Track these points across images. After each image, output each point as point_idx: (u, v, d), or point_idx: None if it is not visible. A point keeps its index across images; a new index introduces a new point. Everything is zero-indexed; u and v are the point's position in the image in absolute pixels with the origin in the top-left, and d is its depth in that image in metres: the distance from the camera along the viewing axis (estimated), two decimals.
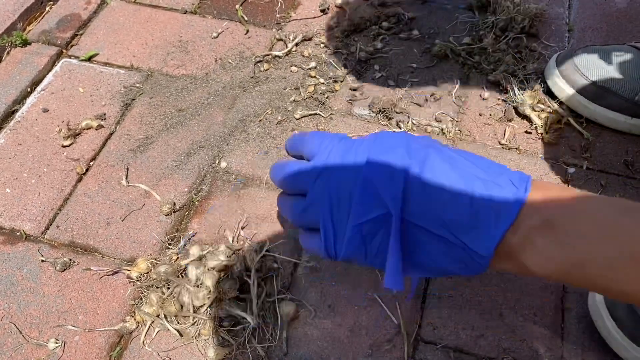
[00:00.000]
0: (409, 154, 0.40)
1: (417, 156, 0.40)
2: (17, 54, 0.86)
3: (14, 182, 0.71)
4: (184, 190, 0.70)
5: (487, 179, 0.39)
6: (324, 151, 0.44)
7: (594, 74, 0.75)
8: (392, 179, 0.40)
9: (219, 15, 0.94)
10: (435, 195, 0.39)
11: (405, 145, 0.41)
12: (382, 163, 0.40)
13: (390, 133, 0.44)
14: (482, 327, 0.59)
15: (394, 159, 0.40)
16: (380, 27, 0.90)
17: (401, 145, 0.41)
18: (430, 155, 0.40)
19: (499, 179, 0.39)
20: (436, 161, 0.40)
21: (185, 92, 0.82)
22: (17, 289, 0.62)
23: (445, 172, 0.39)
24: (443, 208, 0.39)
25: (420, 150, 0.41)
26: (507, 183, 0.39)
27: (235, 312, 0.57)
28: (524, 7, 0.89)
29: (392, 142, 0.42)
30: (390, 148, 0.41)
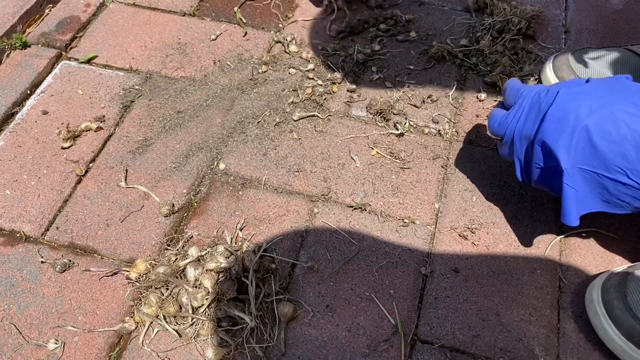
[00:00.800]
0: (579, 117, 0.53)
1: (590, 118, 0.52)
2: (16, 57, 0.87)
3: (14, 183, 0.72)
4: (182, 191, 0.71)
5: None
6: (517, 105, 0.60)
7: (590, 76, 0.75)
8: (560, 137, 0.54)
9: (217, 18, 0.94)
10: (604, 148, 0.52)
11: (576, 112, 0.53)
12: (556, 129, 0.54)
13: (571, 92, 0.55)
14: (479, 327, 0.59)
15: (565, 123, 0.53)
16: (378, 29, 0.91)
17: (574, 109, 0.53)
18: (602, 115, 0.52)
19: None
20: (605, 123, 0.52)
21: (184, 94, 0.82)
22: (17, 290, 0.62)
23: (613, 129, 0.51)
24: (612, 157, 0.52)
25: (595, 112, 0.52)
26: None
27: (233, 313, 0.57)
28: (520, 9, 0.90)
29: (567, 106, 0.54)
30: (566, 112, 0.54)
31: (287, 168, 0.73)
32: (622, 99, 0.52)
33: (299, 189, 0.71)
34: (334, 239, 0.66)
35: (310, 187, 0.71)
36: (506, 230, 0.67)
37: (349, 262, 0.64)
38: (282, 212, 0.69)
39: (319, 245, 0.66)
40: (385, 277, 0.63)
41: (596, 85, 0.56)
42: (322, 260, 0.64)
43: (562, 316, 0.60)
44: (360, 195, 0.70)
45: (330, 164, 0.74)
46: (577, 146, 0.53)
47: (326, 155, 0.75)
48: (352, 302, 0.61)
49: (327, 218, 0.68)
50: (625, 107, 0.51)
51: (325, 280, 0.63)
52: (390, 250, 0.65)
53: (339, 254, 0.65)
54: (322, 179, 0.72)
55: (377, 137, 0.77)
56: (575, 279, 0.63)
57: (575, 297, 0.61)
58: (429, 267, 0.64)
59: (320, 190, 0.71)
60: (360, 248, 0.65)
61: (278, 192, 0.71)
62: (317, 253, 0.65)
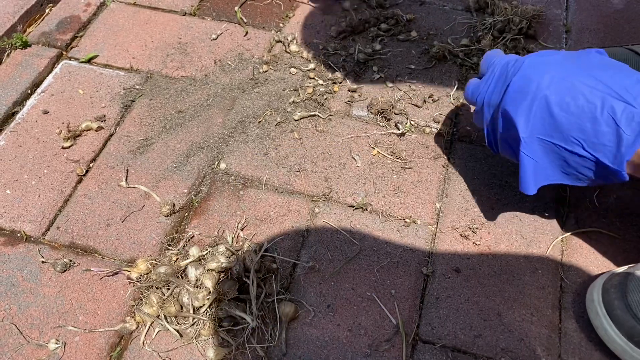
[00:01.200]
0: (540, 86, 0.53)
1: (550, 88, 0.52)
2: (17, 56, 0.86)
3: (15, 183, 0.72)
4: (183, 191, 0.71)
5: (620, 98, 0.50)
6: (488, 73, 0.61)
7: None
8: (520, 105, 0.54)
9: (218, 17, 0.94)
10: (561, 119, 0.52)
11: (538, 81, 0.53)
12: (517, 97, 0.55)
13: (536, 62, 0.56)
14: (480, 327, 0.59)
15: (526, 91, 0.54)
16: (379, 28, 0.91)
17: (536, 78, 0.54)
18: (562, 86, 0.52)
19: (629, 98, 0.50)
20: (564, 94, 0.52)
21: (185, 94, 0.82)
22: (17, 290, 0.62)
23: (572, 101, 0.51)
24: (569, 128, 0.52)
25: (556, 82, 0.53)
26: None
27: (234, 313, 0.57)
28: (521, 8, 0.90)
29: (530, 74, 0.54)
30: (529, 80, 0.54)
31: (288, 168, 0.73)
32: (584, 72, 0.53)
33: (300, 189, 0.71)
34: (335, 239, 0.66)
35: (312, 186, 0.71)
36: (508, 230, 0.67)
37: (350, 262, 0.64)
38: (283, 211, 0.69)
39: (320, 245, 0.66)
40: (387, 277, 0.63)
41: (564, 57, 0.56)
42: (323, 260, 0.64)
43: (564, 316, 0.60)
44: (362, 195, 0.70)
45: (332, 164, 0.74)
46: (536, 115, 0.53)
47: (327, 155, 0.75)
48: (354, 302, 0.61)
49: (328, 218, 0.68)
50: (586, 80, 0.52)
51: (327, 280, 0.63)
52: (391, 250, 0.65)
53: (340, 253, 0.65)
54: (323, 178, 0.72)
55: (378, 136, 0.76)
56: (576, 278, 0.63)
57: (577, 297, 0.61)
58: (431, 267, 0.64)
59: (322, 190, 0.71)
60: (362, 248, 0.65)
61: (279, 191, 0.71)
62: (319, 253, 0.65)
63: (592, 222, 0.67)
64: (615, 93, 0.50)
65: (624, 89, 0.50)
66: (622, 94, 0.50)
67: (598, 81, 0.51)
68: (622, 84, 0.50)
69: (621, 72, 0.52)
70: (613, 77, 0.51)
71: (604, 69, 0.53)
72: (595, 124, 0.51)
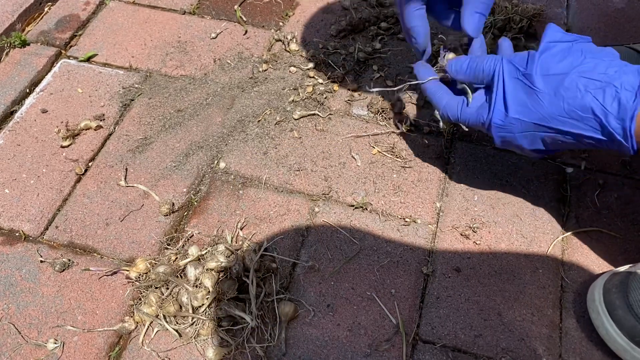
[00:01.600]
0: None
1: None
2: (15, 55, 0.86)
3: (13, 182, 0.71)
4: (182, 190, 0.71)
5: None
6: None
7: None
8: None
9: (217, 16, 0.94)
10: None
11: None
12: None
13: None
14: (481, 326, 0.59)
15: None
16: (379, 27, 0.90)
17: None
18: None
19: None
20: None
21: (184, 93, 0.82)
22: (16, 289, 0.62)
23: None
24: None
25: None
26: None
27: (234, 312, 0.57)
28: (522, 7, 0.89)
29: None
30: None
31: (287, 167, 0.73)
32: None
33: (300, 188, 0.71)
34: (335, 238, 0.66)
35: (311, 186, 0.71)
36: (508, 230, 0.66)
37: (350, 261, 0.64)
38: (282, 211, 0.68)
39: (320, 245, 0.65)
40: (387, 277, 0.63)
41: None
42: (323, 260, 0.64)
43: (565, 315, 0.60)
44: (362, 195, 0.70)
45: (331, 163, 0.73)
46: None
47: (327, 154, 0.74)
48: (353, 302, 0.61)
49: (328, 217, 0.68)
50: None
51: (326, 280, 0.62)
52: (391, 250, 0.65)
53: (340, 253, 0.65)
54: (323, 178, 0.72)
55: (378, 136, 0.76)
56: (577, 278, 0.62)
57: (578, 297, 0.61)
58: (431, 266, 0.63)
59: (321, 190, 0.71)
60: (362, 247, 0.65)
61: (279, 191, 0.71)
62: (318, 252, 0.65)
63: (593, 221, 0.67)
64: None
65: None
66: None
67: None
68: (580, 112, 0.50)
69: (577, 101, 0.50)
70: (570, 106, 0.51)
71: (559, 103, 0.51)
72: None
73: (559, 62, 0.51)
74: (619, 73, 0.48)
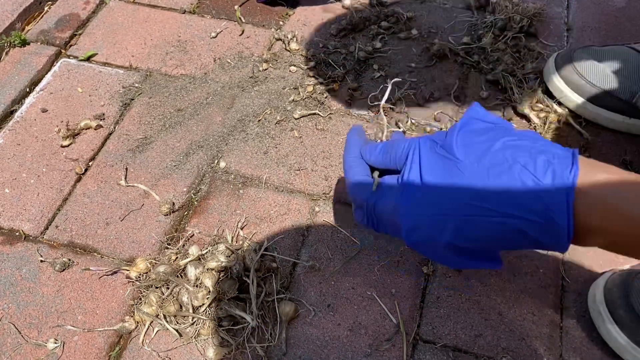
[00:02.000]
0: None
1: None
2: (15, 54, 0.86)
3: (13, 182, 0.71)
4: (182, 190, 0.70)
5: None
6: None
7: (592, 75, 0.75)
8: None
9: (217, 15, 0.94)
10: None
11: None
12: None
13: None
14: (481, 326, 0.59)
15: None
16: (380, 26, 0.90)
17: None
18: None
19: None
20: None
21: (184, 92, 0.82)
22: (16, 289, 0.62)
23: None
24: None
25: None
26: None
27: (234, 312, 0.57)
28: (522, 6, 0.89)
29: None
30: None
31: (288, 166, 0.73)
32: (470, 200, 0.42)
33: (300, 188, 0.71)
34: (335, 238, 0.66)
35: (312, 185, 0.71)
36: None
37: (351, 261, 0.64)
38: (283, 210, 0.68)
39: (320, 244, 0.65)
40: (387, 276, 0.63)
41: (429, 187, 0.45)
42: (323, 259, 0.64)
43: (565, 315, 0.60)
44: None
45: (332, 163, 0.73)
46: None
47: (327, 153, 0.74)
48: (354, 302, 0.61)
49: (329, 217, 0.68)
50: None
51: (327, 280, 0.62)
52: (392, 249, 0.65)
53: (341, 252, 0.65)
54: (323, 177, 0.72)
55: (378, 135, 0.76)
56: (578, 277, 0.62)
57: (578, 297, 0.61)
58: (431, 266, 0.63)
59: (322, 189, 0.70)
60: (362, 247, 0.65)
61: (279, 190, 0.70)
62: (319, 252, 0.65)
63: None
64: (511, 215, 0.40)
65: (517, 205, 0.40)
66: (519, 213, 0.40)
67: (485, 209, 0.41)
68: (512, 201, 0.40)
69: (503, 176, 0.40)
70: (499, 195, 0.40)
71: (484, 184, 0.41)
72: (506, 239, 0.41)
73: (482, 135, 0.43)
74: (548, 146, 0.41)
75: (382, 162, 0.50)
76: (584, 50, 0.78)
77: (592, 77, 0.75)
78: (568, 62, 0.77)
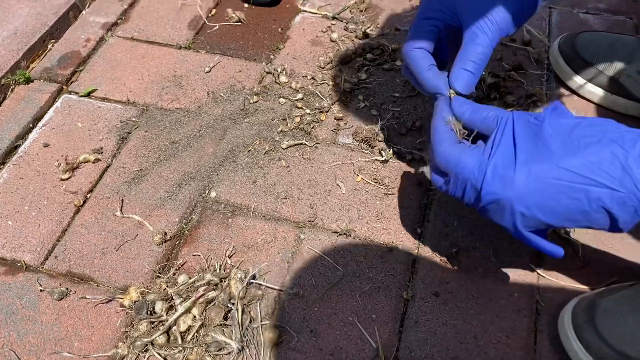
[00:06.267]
0: (513, 202, 0.49)
1: (526, 199, 0.49)
2: (20, 91, 0.91)
3: (16, 214, 0.75)
4: (174, 220, 0.74)
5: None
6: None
7: (587, 54, 0.85)
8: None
9: (211, 50, 0.98)
10: (550, 219, 0.49)
11: (507, 195, 0.50)
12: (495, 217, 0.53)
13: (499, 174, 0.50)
14: (457, 349, 0.61)
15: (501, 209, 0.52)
16: (365, 58, 0.94)
17: (504, 192, 0.50)
18: (537, 190, 0.48)
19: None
20: (543, 199, 0.48)
21: (179, 125, 0.86)
22: (16, 317, 0.65)
23: (555, 202, 0.48)
24: (559, 219, 0.49)
25: (530, 191, 0.48)
26: None
27: (220, 339, 0.60)
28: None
29: (496, 190, 0.50)
30: (496, 198, 0.51)
31: (275, 195, 0.76)
32: (554, 164, 0.49)
33: (287, 216, 0.74)
34: (319, 265, 0.69)
35: (297, 213, 0.74)
36: (486, 254, 0.69)
37: (334, 287, 0.67)
38: (269, 238, 0.72)
39: (304, 271, 0.68)
40: (368, 302, 0.65)
41: (524, 147, 0.51)
42: (307, 286, 0.67)
43: (539, 338, 0.62)
44: (345, 221, 0.73)
45: (317, 191, 0.77)
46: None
47: (313, 182, 0.78)
48: (336, 327, 0.64)
49: (313, 244, 0.71)
50: (559, 174, 0.48)
51: (310, 306, 0.65)
52: (373, 275, 0.68)
53: (324, 279, 0.68)
54: (308, 205, 0.75)
55: (362, 163, 0.79)
56: (552, 301, 0.65)
57: (552, 320, 0.63)
58: (411, 291, 0.66)
59: (307, 217, 0.74)
60: (345, 273, 0.68)
61: (266, 218, 0.74)
62: (303, 279, 0.68)
63: (569, 244, 0.69)
64: (595, 182, 0.46)
65: (603, 172, 0.45)
66: (603, 180, 0.45)
67: (573, 173, 0.46)
68: (598, 168, 0.46)
69: (592, 147, 0.47)
70: (586, 162, 0.46)
71: (573, 151, 0.47)
72: (587, 215, 0.47)
73: (570, 117, 0.50)
74: (633, 129, 0.47)
75: (468, 118, 0.55)
76: (588, 33, 0.89)
77: (586, 55, 0.85)
78: (570, 41, 0.88)
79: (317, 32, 1.01)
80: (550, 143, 0.48)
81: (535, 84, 0.89)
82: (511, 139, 0.50)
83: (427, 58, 0.62)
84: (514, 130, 0.50)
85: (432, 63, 0.62)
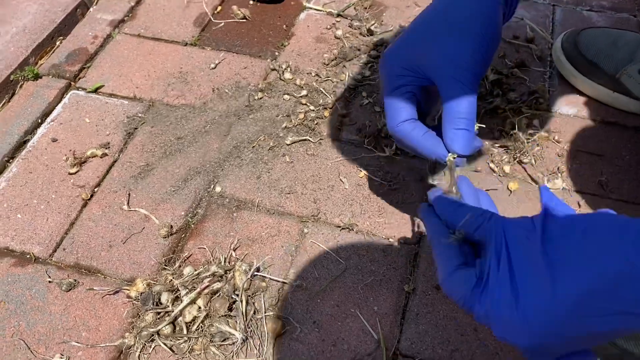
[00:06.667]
0: None
1: None
2: (29, 87, 0.93)
3: (25, 208, 0.77)
4: (180, 214, 0.75)
5: None
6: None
7: (589, 51, 0.85)
8: None
9: (217, 47, 1.00)
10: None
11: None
12: None
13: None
14: (457, 341, 0.62)
15: None
16: (369, 55, 0.95)
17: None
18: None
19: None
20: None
21: (184, 121, 0.87)
22: (26, 307, 0.67)
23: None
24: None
25: None
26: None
27: (224, 329, 0.61)
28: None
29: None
30: None
31: (279, 190, 0.77)
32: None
33: (290, 210, 0.75)
34: (322, 258, 0.70)
35: (301, 208, 0.75)
36: None
37: (336, 280, 0.68)
38: (273, 232, 0.73)
39: (307, 264, 0.69)
40: (370, 294, 0.67)
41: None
42: (310, 279, 0.68)
43: None
44: (348, 216, 0.74)
45: (321, 186, 0.78)
46: None
47: (317, 177, 0.79)
48: (338, 319, 0.65)
49: (316, 238, 0.72)
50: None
51: (313, 298, 0.66)
52: (375, 269, 0.69)
53: (327, 272, 0.69)
54: (312, 200, 0.76)
55: (365, 159, 0.80)
56: None
57: None
58: (412, 284, 0.67)
59: (311, 211, 0.75)
60: (347, 266, 0.69)
61: (270, 213, 0.75)
62: (306, 272, 0.69)
63: None
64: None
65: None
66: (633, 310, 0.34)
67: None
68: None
69: None
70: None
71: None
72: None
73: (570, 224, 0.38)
74: None
75: (451, 222, 0.46)
76: (591, 29, 0.90)
77: (588, 53, 0.86)
78: (572, 38, 0.89)
79: (321, 29, 1.02)
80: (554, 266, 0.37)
81: (537, 81, 0.89)
82: (507, 266, 0.40)
83: (417, 127, 0.55)
84: (509, 252, 0.40)
85: (426, 130, 0.55)
